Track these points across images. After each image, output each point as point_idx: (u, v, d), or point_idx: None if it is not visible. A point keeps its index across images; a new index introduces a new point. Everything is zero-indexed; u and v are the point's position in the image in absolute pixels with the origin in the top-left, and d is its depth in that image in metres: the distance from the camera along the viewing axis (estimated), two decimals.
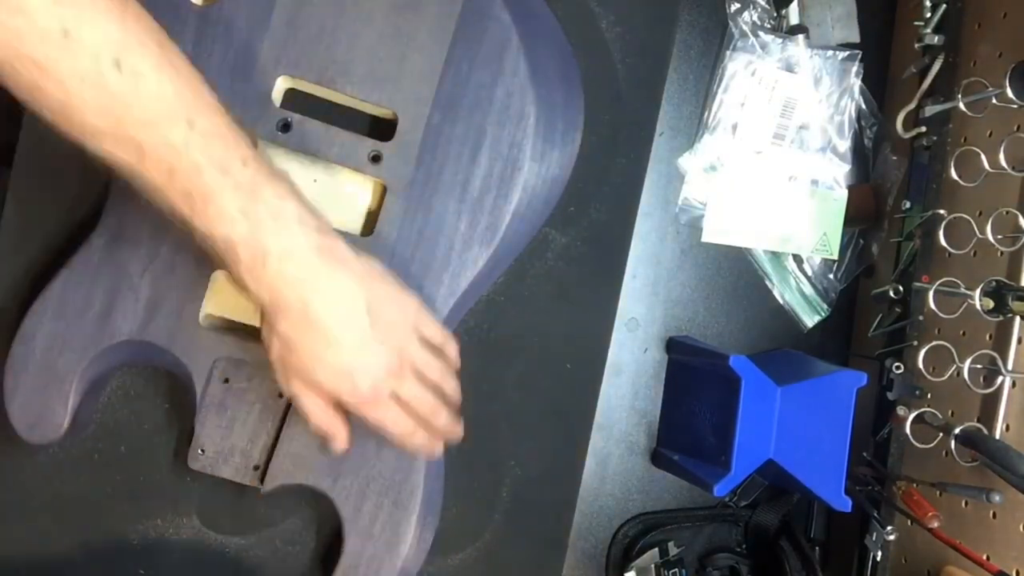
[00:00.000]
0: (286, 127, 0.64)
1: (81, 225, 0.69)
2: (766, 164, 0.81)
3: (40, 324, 0.63)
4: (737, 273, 0.83)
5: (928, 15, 0.76)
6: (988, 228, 0.68)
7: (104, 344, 0.63)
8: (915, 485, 0.72)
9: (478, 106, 0.64)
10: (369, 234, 0.64)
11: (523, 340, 0.73)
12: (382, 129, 0.65)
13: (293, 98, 0.66)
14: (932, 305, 0.71)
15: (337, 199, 0.66)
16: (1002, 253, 0.69)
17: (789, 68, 0.81)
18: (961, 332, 0.71)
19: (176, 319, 0.63)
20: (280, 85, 0.64)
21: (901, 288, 0.75)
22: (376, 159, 0.64)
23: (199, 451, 0.65)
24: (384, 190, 0.64)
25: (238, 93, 0.63)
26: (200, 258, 0.62)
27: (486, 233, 0.64)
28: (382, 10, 0.64)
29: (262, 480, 0.65)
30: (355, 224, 0.67)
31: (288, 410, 0.65)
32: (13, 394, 0.63)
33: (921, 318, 0.74)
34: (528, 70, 0.64)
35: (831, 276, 0.84)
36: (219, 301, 0.65)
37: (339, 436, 0.60)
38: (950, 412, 0.71)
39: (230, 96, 0.63)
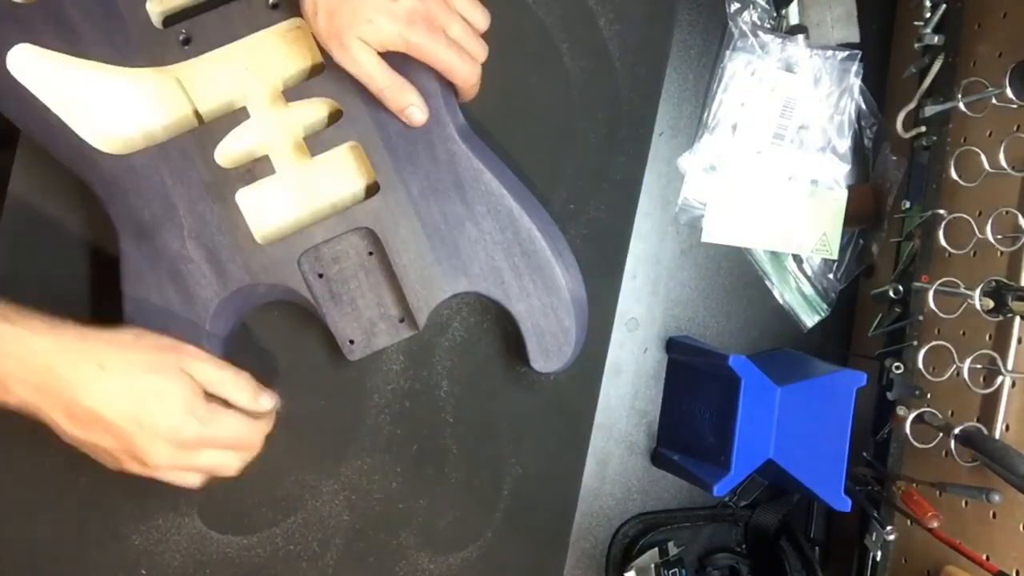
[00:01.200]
0: (186, 40, 0.63)
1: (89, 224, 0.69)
2: (766, 164, 0.81)
3: None
4: (737, 273, 0.83)
5: (928, 15, 0.76)
6: (988, 228, 0.68)
7: (205, 320, 0.64)
8: (915, 485, 0.72)
9: None
10: (322, 71, 0.64)
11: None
12: None
13: (171, 19, 0.65)
14: (932, 305, 0.71)
15: (278, 64, 0.66)
16: (1002, 253, 0.69)
17: (789, 68, 0.81)
18: (961, 332, 0.71)
19: (240, 255, 0.64)
20: (154, 12, 0.64)
21: (901, 288, 0.75)
22: (276, 5, 0.63)
23: (348, 343, 0.67)
24: (305, 25, 0.63)
25: (127, 44, 0.62)
26: (219, 190, 0.63)
27: None
28: None
29: (414, 324, 0.66)
30: (304, 72, 0.66)
31: (387, 256, 0.65)
32: None
33: (921, 318, 0.74)
34: None
35: (831, 276, 0.84)
36: None
37: (407, 89, 0.62)
38: (950, 412, 0.71)
39: (125, 51, 0.63)
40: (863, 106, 0.83)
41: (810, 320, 0.83)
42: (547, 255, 0.66)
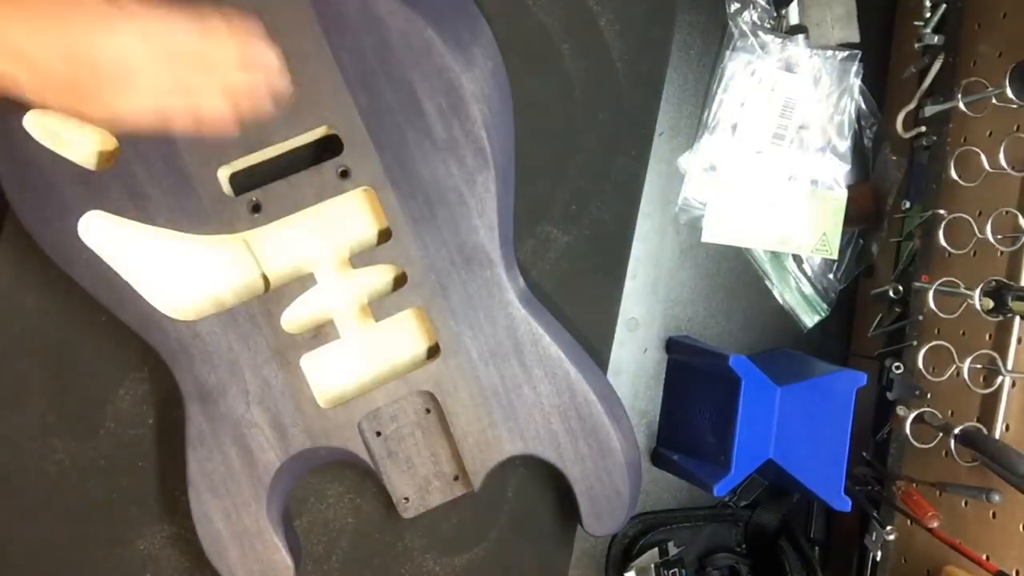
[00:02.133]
0: (256, 208, 0.63)
1: None
2: (766, 164, 0.81)
3: (206, 505, 0.64)
4: (737, 273, 0.83)
5: (928, 15, 0.76)
6: (988, 228, 0.68)
7: (266, 483, 0.64)
8: (915, 485, 0.72)
9: (387, 64, 0.63)
10: (388, 238, 0.64)
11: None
12: (330, 147, 0.65)
13: (240, 180, 0.65)
14: (932, 305, 0.71)
15: (346, 230, 0.66)
16: (1002, 253, 0.69)
17: (789, 68, 0.81)
18: (961, 332, 0.71)
19: (303, 419, 0.64)
20: (223, 177, 0.64)
21: (901, 288, 0.75)
22: (345, 173, 0.63)
23: (403, 500, 0.67)
24: (373, 193, 0.64)
25: (198, 211, 0.62)
26: (284, 356, 0.64)
27: (477, 159, 0.64)
28: None
29: (468, 483, 0.67)
30: (371, 238, 0.67)
31: (444, 415, 0.66)
32: (233, 573, 0.64)
33: (921, 318, 0.74)
34: (398, 3, 0.62)
35: (831, 276, 0.84)
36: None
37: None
38: (950, 412, 0.71)
39: (196, 219, 0.63)
40: (863, 106, 0.83)
41: (810, 320, 0.83)
42: (603, 419, 0.66)
